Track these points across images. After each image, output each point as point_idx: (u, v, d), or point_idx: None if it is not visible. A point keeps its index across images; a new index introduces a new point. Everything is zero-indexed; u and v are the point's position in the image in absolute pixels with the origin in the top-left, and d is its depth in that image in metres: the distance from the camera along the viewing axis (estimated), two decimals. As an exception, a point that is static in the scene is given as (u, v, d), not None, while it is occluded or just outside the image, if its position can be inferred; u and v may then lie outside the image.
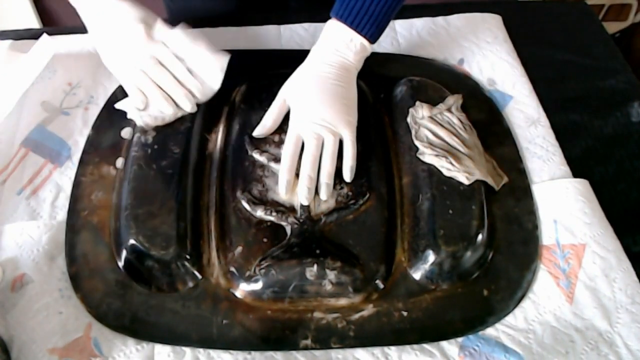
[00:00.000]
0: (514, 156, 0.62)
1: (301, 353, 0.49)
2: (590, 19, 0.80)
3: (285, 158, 0.56)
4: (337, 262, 0.50)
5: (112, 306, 0.50)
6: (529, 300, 0.52)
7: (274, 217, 0.54)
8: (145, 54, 0.58)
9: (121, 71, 0.60)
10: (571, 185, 0.58)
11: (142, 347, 0.49)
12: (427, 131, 0.59)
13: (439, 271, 0.52)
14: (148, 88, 0.58)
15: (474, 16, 0.76)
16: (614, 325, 0.50)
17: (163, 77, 0.58)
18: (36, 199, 0.57)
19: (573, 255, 0.54)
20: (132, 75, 0.59)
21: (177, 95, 0.58)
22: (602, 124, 0.66)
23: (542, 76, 0.69)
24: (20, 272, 0.52)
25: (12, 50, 0.68)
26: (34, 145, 0.61)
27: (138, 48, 0.58)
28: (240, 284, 0.51)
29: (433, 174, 0.56)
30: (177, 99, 0.59)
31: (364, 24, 0.57)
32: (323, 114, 0.57)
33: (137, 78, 0.59)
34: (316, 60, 0.60)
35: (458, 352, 0.49)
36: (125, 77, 0.59)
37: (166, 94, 0.59)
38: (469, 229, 0.53)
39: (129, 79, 0.59)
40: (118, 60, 0.60)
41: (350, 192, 0.56)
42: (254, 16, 0.76)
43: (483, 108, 0.66)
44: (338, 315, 0.50)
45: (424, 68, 0.69)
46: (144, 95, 0.58)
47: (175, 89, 0.58)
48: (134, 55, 0.58)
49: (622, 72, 0.72)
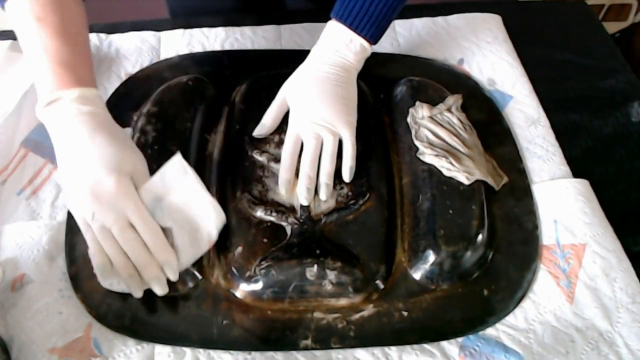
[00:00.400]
0: (514, 156, 0.62)
1: (301, 353, 0.49)
2: (590, 19, 0.80)
3: (285, 158, 0.56)
4: (337, 262, 0.50)
5: (112, 306, 0.50)
6: (529, 300, 0.52)
7: (274, 217, 0.54)
8: (113, 213, 0.47)
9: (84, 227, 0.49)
10: (571, 185, 0.58)
11: (142, 347, 0.49)
12: (427, 131, 0.59)
13: (439, 271, 0.52)
14: (114, 256, 0.48)
15: (474, 16, 0.76)
16: (615, 325, 0.50)
17: (132, 245, 0.47)
18: (36, 199, 0.57)
19: (573, 255, 0.54)
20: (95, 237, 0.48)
21: (146, 274, 0.48)
22: (602, 124, 0.66)
23: (542, 76, 0.69)
24: (20, 272, 0.52)
25: (12, 50, 0.68)
26: (34, 145, 0.61)
27: (106, 205, 0.47)
28: (241, 284, 0.51)
29: (433, 174, 0.56)
30: (146, 277, 0.48)
31: (364, 25, 0.57)
32: (323, 114, 0.57)
33: (100, 241, 0.48)
34: (316, 61, 0.60)
35: (458, 352, 0.49)
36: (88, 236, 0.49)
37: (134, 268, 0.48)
38: (469, 229, 0.53)
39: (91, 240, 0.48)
40: (82, 213, 0.49)
41: (350, 192, 0.56)
42: (254, 16, 0.76)
43: (483, 108, 0.66)
44: (338, 316, 0.50)
45: (424, 68, 0.69)
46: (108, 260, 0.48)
47: (144, 265, 0.47)
48: (100, 213, 0.47)
49: (622, 72, 0.72)
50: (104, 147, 0.48)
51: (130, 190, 0.48)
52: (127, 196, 0.48)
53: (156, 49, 0.71)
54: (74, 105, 0.49)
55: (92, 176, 0.48)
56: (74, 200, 0.49)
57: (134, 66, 0.69)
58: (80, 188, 0.48)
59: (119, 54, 0.70)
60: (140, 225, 0.48)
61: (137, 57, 0.70)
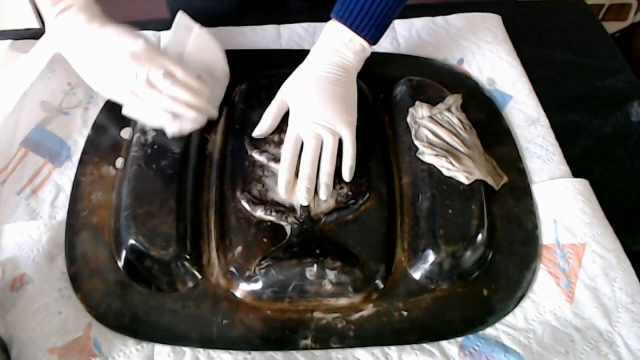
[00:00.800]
0: (514, 156, 0.62)
1: (301, 353, 0.49)
2: (590, 19, 0.80)
3: (285, 158, 0.56)
4: (337, 262, 0.50)
5: (112, 306, 0.50)
6: (529, 300, 0.52)
7: (274, 217, 0.54)
8: (154, 66, 0.55)
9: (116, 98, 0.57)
10: (571, 185, 0.58)
11: (142, 347, 0.49)
12: (427, 131, 0.59)
13: (439, 271, 0.52)
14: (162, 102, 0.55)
15: (474, 16, 0.76)
16: (615, 325, 0.50)
17: (176, 90, 0.55)
18: (36, 199, 0.57)
19: (573, 255, 0.54)
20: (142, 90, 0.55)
21: (196, 104, 0.56)
22: (602, 124, 0.66)
23: (542, 76, 0.69)
24: (20, 272, 0.52)
25: (12, 50, 0.68)
26: (34, 145, 0.61)
27: (145, 61, 0.55)
28: (241, 284, 0.51)
29: (433, 174, 0.56)
30: (197, 106, 0.56)
31: (364, 26, 0.57)
32: (323, 114, 0.57)
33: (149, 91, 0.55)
34: (316, 61, 0.60)
35: (458, 352, 0.49)
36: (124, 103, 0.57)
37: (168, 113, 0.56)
38: (469, 229, 0.53)
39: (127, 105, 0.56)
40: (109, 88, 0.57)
41: (350, 192, 0.56)
42: (254, 16, 0.76)
43: (483, 108, 0.66)
44: (338, 316, 0.50)
45: (424, 68, 0.69)
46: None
47: (172, 105, 0.55)
48: (144, 67, 0.54)
49: (622, 72, 0.72)
50: (119, 28, 0.56)
51: (158, 49, 0.57)
52: (158, 53, 0.56)
53: (156, 49, 0.71)
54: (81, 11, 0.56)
55: (124, 44, 0.55)
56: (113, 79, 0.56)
57: (134, 66, 0.69)
58: (118, 57, 0.55)
59: (119, 53, 0.70)
60: (179, 72, 0.56)
61: (137, 57, 0.70)
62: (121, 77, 0.55)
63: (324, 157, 0.56)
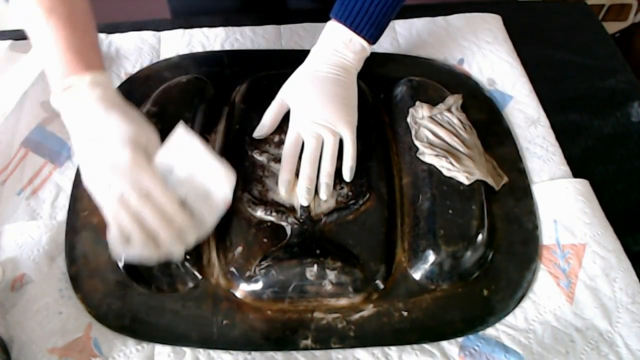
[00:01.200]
0: (514, 156, 0.62)
1: (301, 353, 0.49)
2: (590, 19, 0.80)
3: (285, 158, 0.56)
4: (337, 262, 0.50)
5: (112, 306, 0.50)
6: (529, 300, 0.52)
7: (274, 217, 0.54)
8: (129, 182, 0.48)
9: (101, 198, 0.49)
10: (571, 185, 0.58)
11: (142, 347, 0.49)
12: (427, 131, 0.59)
13: (439, 271, 0.52)
14: (129, 224, 0.48)
15: (474, 16, 0.76)
16: (615, 325, 0.50)
17: (147, 212, 0.48)
18: (36, 199, 0.57)
19: (573, 255, 0.54)
20: (113, 206, 0.48)
21: (163, 235, 0.48)
22: (602, 124, 0.66)
23: (542, 76, 0.69)
24: (20, 272, 0.52)
25: (12, 50, 0.68)
26: (34, 145, 0.61)
27: (122, 175, 0.48)
28: (241, 284, 0.51)
29: (433, 174, 0.56)
30: (163, 238, 0.48)
31: (364, 25, 0.58)
32: (323, 114, 0.57)
33: (117, 210, 0.48)
34: (316, 61, 0.60)
35: (458, 352, 0.49)
36: (106, 206, 0.49)
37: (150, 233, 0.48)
38: (469, 229, 0.53)
39: (109, 210, 0.48)
40: (99, 185, 0.49)
41: (351, 192, 0.56)
42: (254, 16, 0.76)
43: (483, 108, 0.66)
44: (338, 316, 0.50)
45: (424, 68, 0.69)
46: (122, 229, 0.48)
47: (162, 228, 0.48)
48: (117, 183, 0.48)
49: (622, 72, 0.72)
50: (119, 123, 0.50)
51: (144, 162, 0.50)
52: (142, 167, 0.49)
53: (156, 49, 0.71)
54: (88, 89, 0.50)
55: (109, 150, 0.49)
56: (92, 176, 0.50)
57: (134, 66, 0.69)
58: (97, 163, 0.49)
59: (119, 54, 0.70)
60: (156, 192, 0.48)
61: (137, 57, 0.70)
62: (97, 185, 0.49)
63: (324, 157, 0.56)
